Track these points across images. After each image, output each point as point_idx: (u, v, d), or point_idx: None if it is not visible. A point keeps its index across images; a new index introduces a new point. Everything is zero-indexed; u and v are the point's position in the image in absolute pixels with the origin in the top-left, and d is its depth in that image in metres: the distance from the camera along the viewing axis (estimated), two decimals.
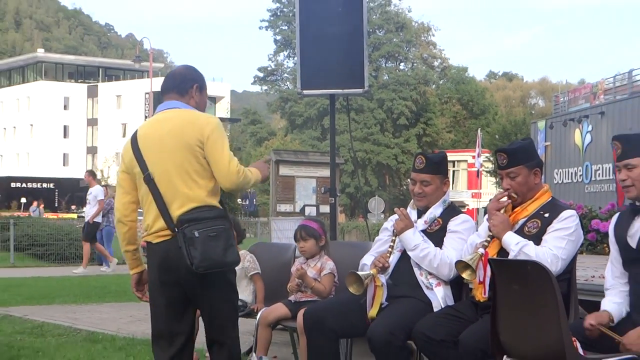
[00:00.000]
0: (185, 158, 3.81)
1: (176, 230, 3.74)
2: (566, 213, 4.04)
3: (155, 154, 3.87)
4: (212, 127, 3.84)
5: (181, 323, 3.92)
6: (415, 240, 4.45)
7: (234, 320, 3.96)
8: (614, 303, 3.71)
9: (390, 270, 4.49)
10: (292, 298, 5.25)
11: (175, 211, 3.77)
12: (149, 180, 3.85)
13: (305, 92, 7.42)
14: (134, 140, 3.96)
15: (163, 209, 3.81)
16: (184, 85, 4.02)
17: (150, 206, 3.86)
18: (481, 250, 4.02)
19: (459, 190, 54.17)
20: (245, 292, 5.56)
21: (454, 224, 4.54)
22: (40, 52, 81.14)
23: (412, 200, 4.71)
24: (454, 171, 54.16)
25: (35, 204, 41.81)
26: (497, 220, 4.08)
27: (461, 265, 4.02)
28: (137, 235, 4.05)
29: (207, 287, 3.82)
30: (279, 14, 60.61)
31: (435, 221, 4.56)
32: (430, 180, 4.56)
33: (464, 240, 4.41)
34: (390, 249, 4.51)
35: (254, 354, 5.20)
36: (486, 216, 4.27)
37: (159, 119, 3.99)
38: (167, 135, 3.87)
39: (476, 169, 41.21)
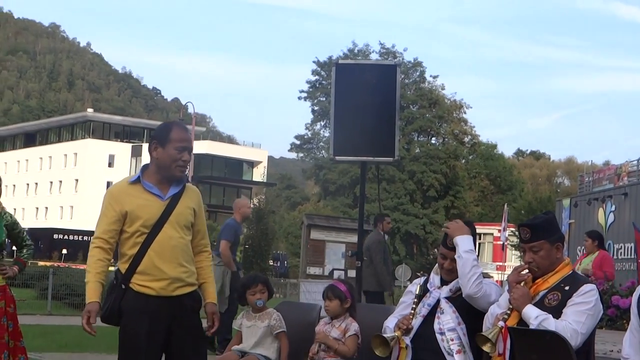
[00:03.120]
0: None
1: None
2: (586, 287, 4.05)
3: None
4: None
5: None
6: (471, 246, 4.56)
7: None
8: None
9: (411, 334, 4.52)
10: (315, 358, 5.31)
11: None
12: None
13: (337, 158, 7.64)
14: None
15: None
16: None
17: None
18: (501, 324, 4.05)
19: (484, 262, 53.76)
20: (269, 350, 5.61)
21: None
22: (90, 112, 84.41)
23: (436, 266, 4.77)
24: (480, 243, 53.94)
25: None
26: (517, 293, 4.11)
27: (482, 338, 4.06)
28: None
29: None
30: (317, 85, 61.63)
31: (460, 290, 4.56)
32: None
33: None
34: (412, 312, 4.58)
35: None
36: (507, 287, 4.30)
37: None
38: None
39: (501, 243, 41.12)
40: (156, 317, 4.11)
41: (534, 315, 3.99)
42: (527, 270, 4.22)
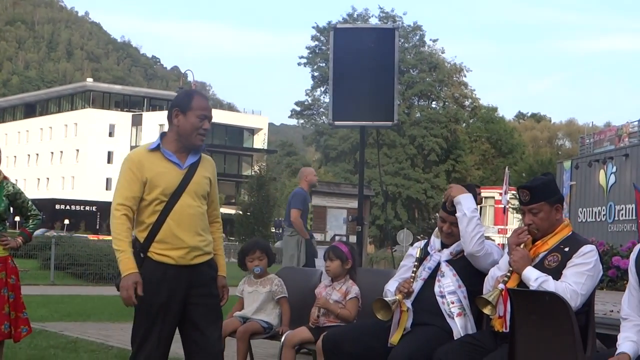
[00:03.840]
0: None
1: None
2: (586, 248, 4.05)
3: None
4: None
5: None
6: (474, 205, 4.55)
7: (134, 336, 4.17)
8: (631, 341, 3.65)
9: (413, 297, 4.52)
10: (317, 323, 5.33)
11: None
12: None
13: (336, 123, 7.63)
14: None
15: None
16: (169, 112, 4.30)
17: None
18: (501, 286, 4.05)
19: (485, 226, 53.47)
20: (271, 315, 5.65)
21: None
22: (89, 82, 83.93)
23: (437, 229, 4.77)
24: (481, 207, 54.01)
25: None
26: (517, 255, 4.11)
27: (482, 301, 4.07)
28: None
29: None
30: (317, 51, 61.31)
31: (460, 253, 4.59)
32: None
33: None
34: (413, 275, 4.57)
35: None
36: (506, 250, 4.30)
37: None
38: None
39: (503, 206, 41.26)
40: (174, 286, 4.11)
41: (533, 277, 3.99)
42: (526, 232, 4.22)
